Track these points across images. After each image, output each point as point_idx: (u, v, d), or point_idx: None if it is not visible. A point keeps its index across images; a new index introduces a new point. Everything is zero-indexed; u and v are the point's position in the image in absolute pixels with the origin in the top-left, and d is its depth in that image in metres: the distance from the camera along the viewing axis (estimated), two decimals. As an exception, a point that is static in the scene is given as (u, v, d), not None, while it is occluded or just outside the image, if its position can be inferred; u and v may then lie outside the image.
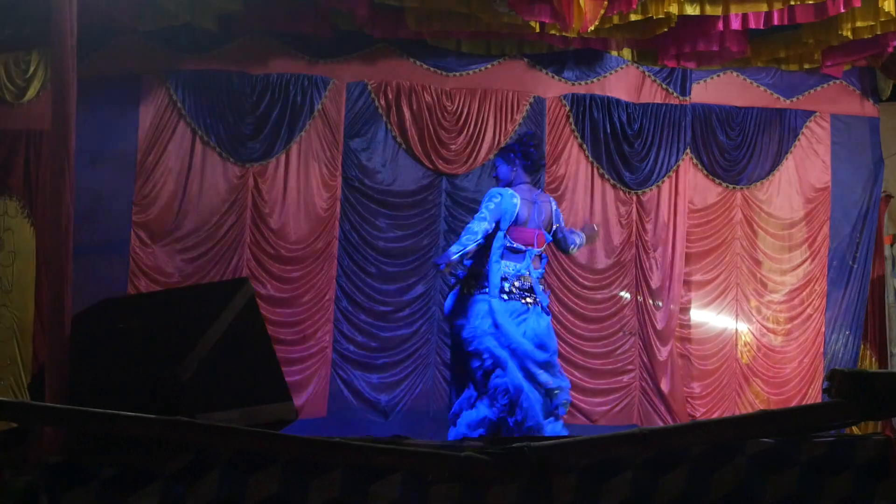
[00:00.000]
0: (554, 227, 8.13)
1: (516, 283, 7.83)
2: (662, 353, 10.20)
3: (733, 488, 5.73)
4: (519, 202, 7.87)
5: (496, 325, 7.73)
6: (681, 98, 10.40)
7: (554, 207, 8.21)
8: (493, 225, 7.80)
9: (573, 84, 10.30)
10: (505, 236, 7.84)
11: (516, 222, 7.86)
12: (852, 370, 3.76)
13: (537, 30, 8.88)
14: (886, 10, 8.43)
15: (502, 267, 7.80)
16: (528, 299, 7.86)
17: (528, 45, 10.00)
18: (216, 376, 5.92)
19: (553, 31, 9.05)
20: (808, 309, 10.55)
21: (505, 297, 7.78)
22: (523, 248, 7.88)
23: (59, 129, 5.35)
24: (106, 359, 6.03)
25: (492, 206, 7.83)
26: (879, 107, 10.75)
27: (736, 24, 8.88)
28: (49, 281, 5.74)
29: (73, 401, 5.24)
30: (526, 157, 8.12)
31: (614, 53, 10.18)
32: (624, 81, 10.37)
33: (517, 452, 3.01)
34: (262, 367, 6.48)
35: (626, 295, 10.32)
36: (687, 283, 10.43)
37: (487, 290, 7.76)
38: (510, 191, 7.92)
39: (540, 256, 8.04)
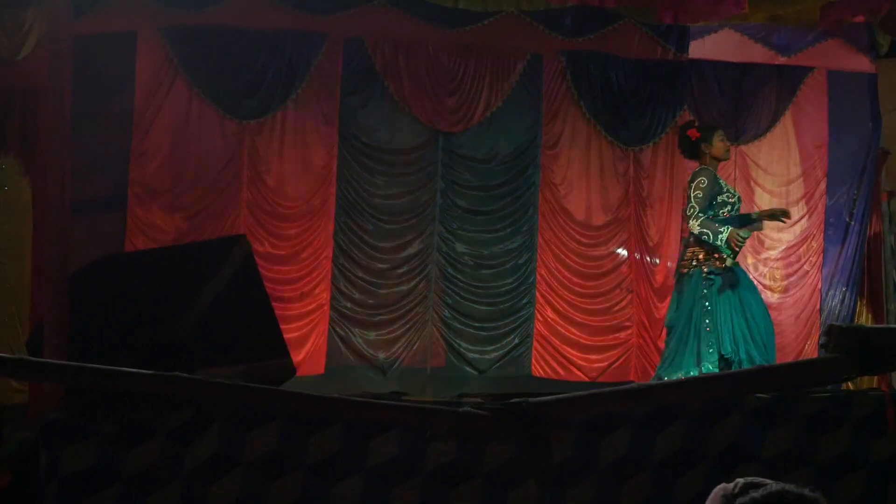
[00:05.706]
0: None
1: None
2: (660, 309, 10.21)
3: (730, 443, 5.78)
4: None
5: None
6: (678, 55, 10.35)
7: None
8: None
9: (570, 40, 10.24)
10: None
11: None
12: (849, 325, 3.78)
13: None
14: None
15: None
16: None
17: (525, 2, 9.94)
18: (215, 332, 5.95)
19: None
20: (805, 265, 10.54)
21: None
22: None
23: (56, 85, 5.35)
24: (104, 315, 6.05)
25: None
26: (877, 63, 10.67)
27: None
28: (47, 238, 5.75)
29: (71, 357, 5.26)
30: None
31: (612, 9, 10.09)
32: (621, 38, 10.29)
33: (516, 408, 3.02)
34: (261, 324, 6.51)
35: (622, 252, 10.33)
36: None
37: None
38: None
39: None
